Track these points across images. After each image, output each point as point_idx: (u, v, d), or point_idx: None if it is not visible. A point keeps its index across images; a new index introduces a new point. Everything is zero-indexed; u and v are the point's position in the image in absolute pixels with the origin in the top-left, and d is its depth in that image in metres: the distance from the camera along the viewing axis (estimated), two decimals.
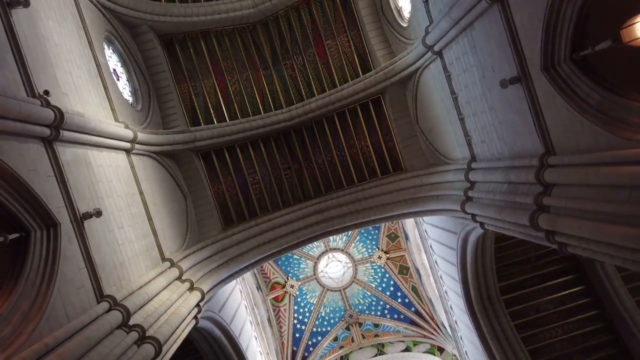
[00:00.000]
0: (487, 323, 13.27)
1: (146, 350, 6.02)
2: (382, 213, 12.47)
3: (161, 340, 6.44)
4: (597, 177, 5.12)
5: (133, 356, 5.73)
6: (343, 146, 13.76)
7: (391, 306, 23.71)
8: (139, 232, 8.34)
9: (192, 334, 12.08)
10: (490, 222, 8.54)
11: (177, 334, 7.53)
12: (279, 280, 23.96)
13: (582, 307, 14.12)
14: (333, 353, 23.74)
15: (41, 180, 5.70)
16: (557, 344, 13.87)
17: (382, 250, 23.74)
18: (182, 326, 7.87)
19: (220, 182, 13.35)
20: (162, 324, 6.89)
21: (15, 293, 4.84)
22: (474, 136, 8.85)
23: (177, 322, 7.37)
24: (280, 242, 12.64)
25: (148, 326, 6.48)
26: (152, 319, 6.74)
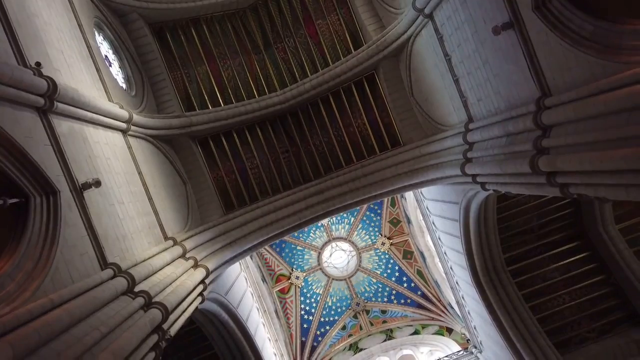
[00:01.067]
0: (493, 293, 13.24)
1: (153, 314, 5.98)
2: (382, 188, 12.43)
3: (168, 307, 6.41)
4: (595, 107, 5.11)
5: (140, 319, 5.69)
6: (340, 126, 13.72)
7: (397, 291, 23.70)
8: (139, 209, 8.31)
9: (198, 319, 12.05)
10: (491, 179, 8.52)
11: (183, 306, 7.49)
12: (283, 272, 23.92)
13: (588, 273, 14.11)
14: (342, 342, 23.70)
15: (38, 149, 5.67)
16: (565, 310, 13.85)
17: (385, 237, 23.74)
18: (188, 299, 7.83)
19: (219, 168, 13.32)
20: (169, 294, 6.85)
21: (17, 254, 4.81)
22: (469, 96, 8.83)
23: (183, 294, 7.33)
24: (283, 224, 12.58)
25: (154, 294, 6.44)
26: (158, 288, 6.71)
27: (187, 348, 13.77)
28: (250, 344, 13.08)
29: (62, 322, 4.39)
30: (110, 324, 5.05)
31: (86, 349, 4.45)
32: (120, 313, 5.42)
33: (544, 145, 6.18)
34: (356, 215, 23.80)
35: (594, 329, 13.53)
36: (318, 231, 24.30)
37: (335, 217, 24.04)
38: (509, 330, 12.76)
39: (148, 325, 5.66)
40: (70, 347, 4.26)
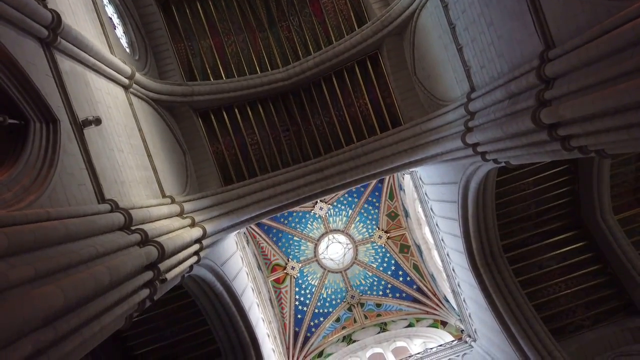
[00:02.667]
0: (490, 277, 13.20)
1: (149, 250, 5.93)
2: (381, 166, 12.41)
3: (165, 248, 6.36)
4: (598, 49, 5.11)
5: (135, 251, 5.64)
6: (341, 105, 13.74)
7: (393, 285, 23.60)
8: (138, 163, 8.28)
9: (193, 289, 11.98)
10: (491, 147, 8.51)
11: (179, 257, 7.44)
12: (279, 262, 23.82)
13: (584, 262, 14.11)
14: (335, 333, 23.55)
15: (40, 77, 5.65)
16: (561, 298, 13.81)
17: (383, 230, 23.67)
18: (184, 252, 7.78)
19: (219, 142, 13.31)
20: (165, 239, 6.80)
21: (15, 169, 4.77)
22: (472, 64, 8.85)
23: (179, 242, 7.28)
24: (281, 199, 12.54)
25: (151, 235, 6.39)
26: (156, 232, 6.66)
27: (180, 322, 13.69)
28: (245, 320, 12.99)
29: (58, 232, 4.34)
30: (106, 246, 5.01)
31: (81, 260, 4.40)
32: (117, 241, 5.37)
33: (547, 97, 6.18)
34: (354, 207, 23.76)
35: (589, 317, 13.49)
36: (315, 222, 24.23)
37: (333, 209, 24.02)
38: (504, 315, 12.70)
39: (144, 257, 5.61)
40: (64, 256, 4.21)
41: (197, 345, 14.06)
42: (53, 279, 3.82)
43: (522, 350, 12.13)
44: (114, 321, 5.10)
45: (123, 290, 5.03)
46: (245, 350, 13.03)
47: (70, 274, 4.10)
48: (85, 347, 4.51)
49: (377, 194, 23.21)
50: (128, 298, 5.31)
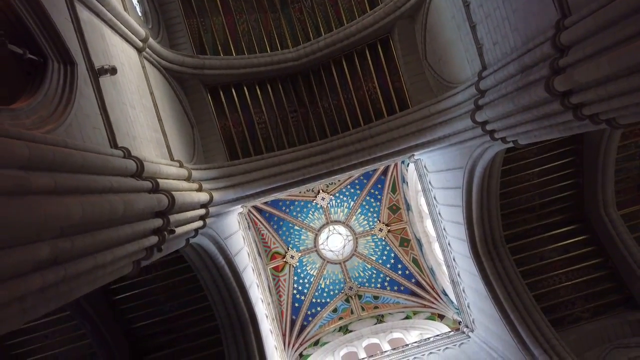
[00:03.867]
0: (491, 265, 13.22)
1: (160, 197, 5.96)
2: (388, 148, 12.44)
3: (175, 199, 6.39)
4: (616, 9, 5.13)
5: (148, 197, 5.67)
6: (350, 89, 13.78)
7: (391, 278, 23.62)
8: (149, 123, 8.32)
9: (195, 262, 12.00)
10: (501, 125, 8.54)
11: (186, 215, 7.48)
12: (279, 250, 23.84)
13: (585, 255, 14.13)
14: (332, 323, 23.55)
15: (60, 19, 5.69)
16: (561, 290, 13.84)
17: (383, 223, 23.69)
18: (191, 213, 7.82)
19: (227, 118, 13.35)
20: (175, 193, 6.82)
21: (34, 99, 4.80)
22: (485, 42, 8.88)
23: (188, 200, 7.31)
24: (286, 177, 12.57)
25: (161, 186, 6.42)
26: (166, 185, 6.69)
27: (180, 297, 13.73)
28: (245, 296, 13.01)
29: (75, 160, 4.36)
30: (120, 184, 5.04)
31: (98, 188, 4.43)
32: (130, 183, 5.40)
33: (561, 64, 6.21)
34: (356, 199, 23.79)
35: (588, 309, 13.51)
36: (317, 213, 24.25)
37: (335, 200, 24.03)
38: (504, 303, 12.71)
39: (155, 202, 5.64)
40: (82, 179, 4.24)
41: (196, 321, 14.10)
42: (72, 197, 3.84)
43: (520, 338, 12.13)
44: (124, 259, 5.13)
45: (135, 227, 5.06)
46: (244, 327, 13.04)
47: (88, 197, 4.12)
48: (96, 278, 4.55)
49: (379, 187, 23.24)
50: (139, 239, 5.34)
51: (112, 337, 13.21)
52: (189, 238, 8.84)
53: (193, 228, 8.15)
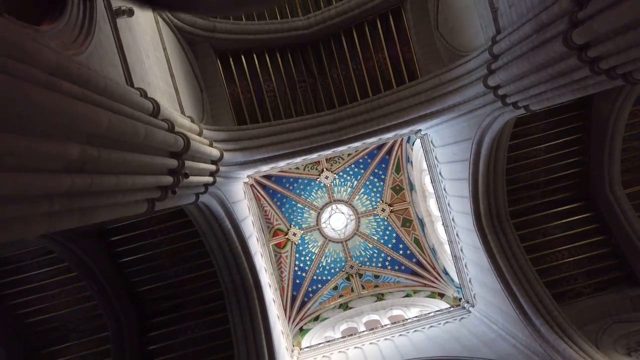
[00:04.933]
0: (494, 238, 13.29)
1: (176, 137, 5.99)
2: (397, 118, 12.44)
3: (190, 140, 6.42)
4: None
5: (165, 134, 5.70)
6: (360, 60, 13.74)
7: (392, 258, 23.75)
8: (163, 75, 8.32)
9: (201, 225, 12.05)
10: (514, 87, 8.54)
11: (199, 165, 7.51)
12: (281, 227, 23.93)
13: (589, 232, 14.21)
14: (332, 301, 23.74)
15: None
16: (563, 265, 13.93)
17: (386, 203, 23.75)
18: (203, 165, 7.85)
19: (236, 85, 13.33)
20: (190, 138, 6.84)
21: (56, 25, 4.80)
22: (500, 6, 8.83)
23: (201, 149, 7.34)
24: (294, 145, 12.60)
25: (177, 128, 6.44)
26: (181, 129, 6.71)
27: (184, 262, 13.84)
28: (250, 262, 13.09)
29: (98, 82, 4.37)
30: (140, 114, 5.06)
31: (119, 111, 4.45)
32: (148, 118, 5.43)
33: (580, 17, 6.19)
34: (360, 179, 23.82)
35: (590, 285, 13.61)
36: (320, 191, 24.31)
37: (338, 179, 24.05)
38: (506, 275, 12.81)
39: (172, 139, 5.67)
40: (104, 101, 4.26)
41: (200, 287, 14.22)
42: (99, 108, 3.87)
43: (522, 309, 12.24)
44: (142, 192, 5.18)
45: (153, 160, 5.10)
46: (248, 293, 13.15)
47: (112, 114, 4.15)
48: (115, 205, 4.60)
49: (383, 166, 23.27)
50: (156, 174, 5.39)
51: (117, 299, 13.33)
52: (198, 194, 8.89)
53: (204, 182, 8.20)
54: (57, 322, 13.63)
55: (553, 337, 11.23)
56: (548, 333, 11.38)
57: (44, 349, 13.63)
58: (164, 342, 13.83)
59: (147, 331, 13.95)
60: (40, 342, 13.64)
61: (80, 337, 13.73)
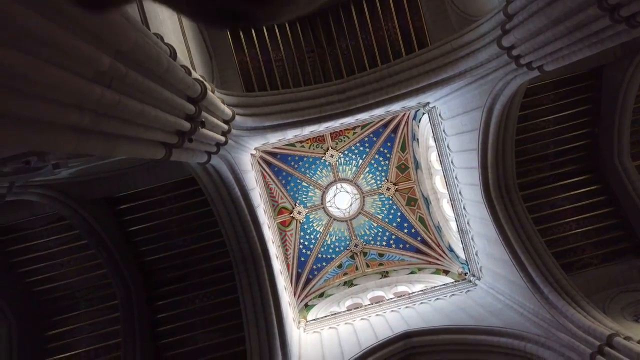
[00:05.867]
0: (502, 209, 13.30)
1: (194, 82, 5.96)
2: (406, 87, 12.37)
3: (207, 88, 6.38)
4: None
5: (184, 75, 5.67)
6: (369, 29, 13.61)
7: (397, 236, 23.81)
8: (176, 32, 8.26)
9: (210, 192, 12.06)
10: (529, 45, 8.47)
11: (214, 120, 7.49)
12: (286, 206, 23.97)
13: (597, 204, 14.22)
14: (337, 278, 23.86)
15: None
16: (570, 237, 13.96)
17: (391, 182, 23.75)
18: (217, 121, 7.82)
19: (245, 54, 13.24)
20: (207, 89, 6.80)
21: None
22: None
23: (216, 103, 7.31)
24: (302, 113, 12.56)
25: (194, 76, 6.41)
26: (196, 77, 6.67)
27: (193, 232, 13.90)
28: (258, 231, 13.11)
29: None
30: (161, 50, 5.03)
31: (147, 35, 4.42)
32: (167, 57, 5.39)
33: None
34: (365, 157, 23.81)
35: (598, 256, 13.65)
36: (325, 170, 24.30)
37: (343, 158, 24.01)
38: (514, 244, 12.83)
39: (190, 81, 5.64)
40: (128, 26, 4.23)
41: (208, 257, 14.31)
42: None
43: (530, 277, 12.29)
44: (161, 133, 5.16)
45: (174, 98, 5.08)
46: (256, 262, 13.19)
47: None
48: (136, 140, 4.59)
49: (388, 145, 23.23)
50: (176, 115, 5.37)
51: (127, 268, 13.41)
52: (210, 153, 8.88)
53: (216, 139, 8.18)
54: (66, 291, 13.74)
55: (561, 304, 11.28)
56: (556, 299, 11.43)
57: (52, 317, 13.74)
58: (172, 310, 13.94)
59: (155, 300, 14.05)
60: (49, 310, 13.77)
61: (89, 306, 13.84)
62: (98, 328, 13.66)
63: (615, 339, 9.46)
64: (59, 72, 2.82)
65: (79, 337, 13.55)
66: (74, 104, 3.23)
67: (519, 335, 11.71)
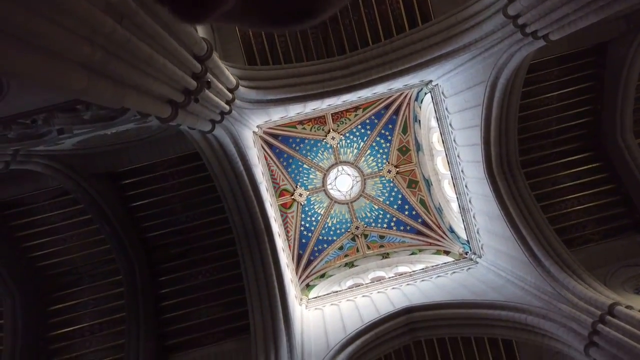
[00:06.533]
0: (505, 185, 13.33)
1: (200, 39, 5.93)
2: (410, 62, 12.32)
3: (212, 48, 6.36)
4: None
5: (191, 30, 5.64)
6: (372, 3, 13.53)
7: (398, 219, 23.88)
8: None
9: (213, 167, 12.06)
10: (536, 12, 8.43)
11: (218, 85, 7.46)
12: (287, 188, 23.98)
13: (598, 181, 14.26)
14: (338, 260, 23.97)
15: None
16: (572, 213, 14.01)
17: (392, 165, 23.75)
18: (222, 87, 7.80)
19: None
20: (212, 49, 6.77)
21: None
22: None
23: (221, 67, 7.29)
24: (305, 88, 12.51)
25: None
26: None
27: (196, 208, 13.92)
28: (261, 206, 13.14)
29: None
30: None
31: None
32: None
33: None
34: (366, 140, 23.77)
35: (599, 232, 13.71)
36: (326, 152, 24.28)
37: (345, 140, 23.97)
38: (516, 219, 12.88)
39: (197, 37, 5.62)
40: None
41: (211, 233, 14.36)
42: None
43: (531, 251, 12.34)
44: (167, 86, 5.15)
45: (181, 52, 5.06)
46: (259, 237, 13.22)
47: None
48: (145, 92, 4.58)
49: (390, 127, 23.19)
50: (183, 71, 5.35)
51: (130, 243, 13.45)
52: (214, 121, 8.87)
53: (221, 106, 8.17)
54: (69, 266, 13.81)
55: (562, 276, 11.36)
56: (557, 272, 11.50)
57: (56, 292, 13.81)
58: (175, 286, 14.02)
59: (158, 276, 14.12)
60: (52, 285, 13.83)
61: (92, 281, 13.90)
62: (102, 303, 13.74)
63: (617, 308, 9.54)
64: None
65: (83, 311, 13.64)
66: (86, 36, 3.22)
67: (520, 308, 11.81)
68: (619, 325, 9.18)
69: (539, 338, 11.53)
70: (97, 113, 8.07)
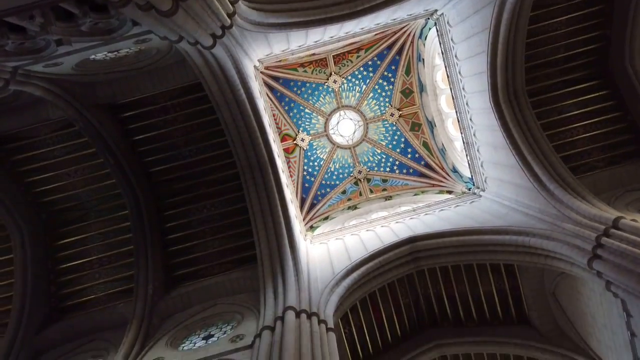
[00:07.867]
0: (510, 112, 13.23)
1: None
2: None
3: None
4: None
5: None
6: None
7: (400, 162, 23.84)
8: None
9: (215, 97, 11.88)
10: None
11: None
12: (289, 133, 23.82)
13: (605, 109, 14.11)
14: (341, 204, 24.11)
15: None
16: (577, 141, 13.93)
17: (395, 108, 23.49)
18: None
19: None
20: None
21: None
22: None
23: None
24: (308, 14, 12.16)
25: None
26: None
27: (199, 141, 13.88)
28: (265, 138, 13.06)
29: None
30: None
31: None
32: None
33: None
34: (368, 83, 23.41)
35: (604, 159, 13.66)
36: (328, 97, 23.96)
37: (347, 83, 23.60)
38: (521, 146, 12.84)
39: None
40: None
41: (215, 168, 14.34)
42: None
43: (536, 176, 12.35)
44: None
45: None
46: (263, 169, 13.19)
47: None
48: None
49: (393, 68, 22.78)
50: None
51: (135, 177, 13.43)
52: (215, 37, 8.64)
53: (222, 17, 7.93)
54: (75, 201, 13.86)
55: (567, 198, 11.40)
56: (562, 194, 11.54)
57: (63, 227, 13.92)
58: (180, 219, 14.11)
59: (163, 210, 14.19)
60: (59, 220, 13.91)
61: (98, 216, 13.99)
62: (109, 237, 13.89)
63: (622, 221, 9.61)
64: None
65: (91, 245, 13.80)
66: None
67: (523, 231, 11.92)
68: (623, 237, 9.25)
69: (542, 260, 11.68)
70: (95, 25, 7.87)
